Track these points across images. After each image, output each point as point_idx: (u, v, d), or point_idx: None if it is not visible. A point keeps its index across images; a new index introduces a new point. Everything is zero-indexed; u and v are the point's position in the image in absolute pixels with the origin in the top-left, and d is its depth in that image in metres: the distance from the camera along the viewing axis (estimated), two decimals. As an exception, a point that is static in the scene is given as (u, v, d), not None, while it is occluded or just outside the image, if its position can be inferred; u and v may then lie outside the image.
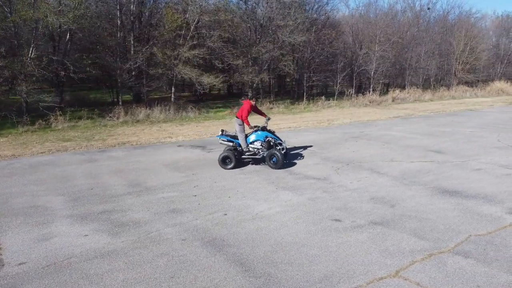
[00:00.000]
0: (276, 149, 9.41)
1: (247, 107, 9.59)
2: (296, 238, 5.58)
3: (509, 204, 6.83)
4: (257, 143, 9.75)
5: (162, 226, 6.07)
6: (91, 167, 9.79)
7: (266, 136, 9.77)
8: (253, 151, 9.79)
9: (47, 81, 20.44)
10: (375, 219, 6.25)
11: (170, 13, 18.55)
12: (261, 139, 9.73)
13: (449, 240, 5.46)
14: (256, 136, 9.83)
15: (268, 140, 9.72)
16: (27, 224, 6.19)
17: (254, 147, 9.78)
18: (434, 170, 9.16)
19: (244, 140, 9.78)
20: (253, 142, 9.81)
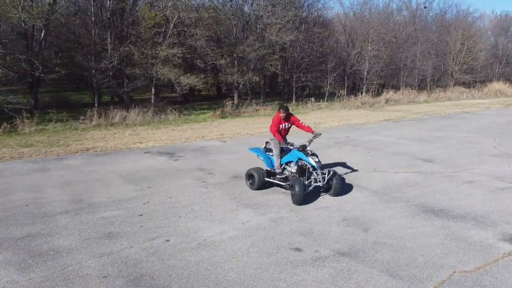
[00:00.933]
0: (301, 180, 7.03)
1: (276, 120, 7.79)
2: (242, 276, 4.56)
3: (502, 228, 5.83)
4: (293, 166, 7.63)
5: (86, 257, 5.05)
6: (39, 178, 8.76)
7: (300, 159, 7.44)
8: (286, 174, 7.73)
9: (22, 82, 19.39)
10: (343, 248, 5.24)
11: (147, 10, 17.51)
12: (294, 161, 7.59)
13: (427, 279, 4.45)
14: (288, 156, 7.71)
15: (301, 165, 7.49)
16: None
17: (290, 169, 7.67)
18: (420, 183, 8.15)
19: (277, 158, 7.83)
20: (289, 163, 7.74)
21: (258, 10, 21.73)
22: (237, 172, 9.15)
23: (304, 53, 24.30)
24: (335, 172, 7.41)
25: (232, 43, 21.50)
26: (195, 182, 8.39)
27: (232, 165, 9.89)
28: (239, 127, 16.28)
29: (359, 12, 34.94)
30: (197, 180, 8.58)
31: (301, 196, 6.77)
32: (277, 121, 7.77)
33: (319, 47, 24.57)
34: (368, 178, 8.59)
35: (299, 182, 6.82)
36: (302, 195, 6.77)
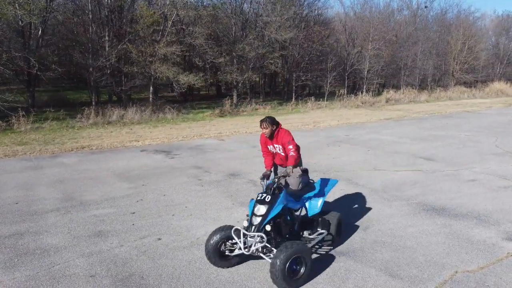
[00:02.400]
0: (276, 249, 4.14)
1: (261, 139, 5.39)
2: (235, 275, 4.37)
3: (506, 227, 5.64)
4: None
5: (74, 256, 4.86)
6: (31, 176, 8.59)
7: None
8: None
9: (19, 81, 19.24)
10: (341, 246, 5.05)
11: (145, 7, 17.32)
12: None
13: (429, 279, 4.26)
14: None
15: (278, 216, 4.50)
16: None
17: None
18: (421, 182, 7.96)
19: None
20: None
21: (258, 8, 21.57)
22: (234, 170, 8.97)
23: (304, 51, 24.12)
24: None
25: (231, 41, 21.33)
26: (191, 180, 8.21)
27: (229, 163, 9.71)
28: (237, 126, 16.10)
29: (359, 11, 34.78)
30: (193, 178, 8.39)
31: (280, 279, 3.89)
32: (262, 141, 5.36)
33: (319, 46, 24.39)
34: (368, 176, 8.40)
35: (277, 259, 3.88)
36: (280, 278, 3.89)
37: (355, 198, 6.95)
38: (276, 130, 5.09)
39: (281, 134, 5.09)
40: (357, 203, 6.69)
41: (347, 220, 5.90)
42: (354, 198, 6.98)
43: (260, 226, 4.26)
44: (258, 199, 4.46)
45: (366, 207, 6.50)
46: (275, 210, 4.34)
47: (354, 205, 6.62)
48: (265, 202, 4.38)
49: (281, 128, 5.16)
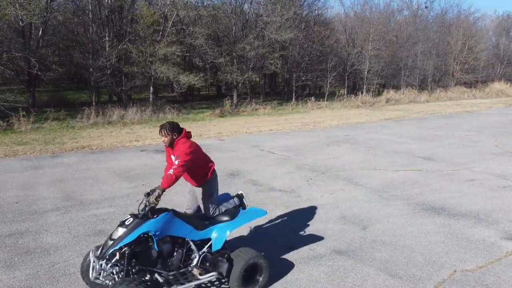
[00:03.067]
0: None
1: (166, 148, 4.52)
2: (234, 274, 4.38)
3: (505, 226, 5.65)
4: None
5: (74, 255, 4.88)
6: (31, 176, 8.60)
7: (144, 234, 3.68)
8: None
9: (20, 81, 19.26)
10: (340, 246, 5.06)
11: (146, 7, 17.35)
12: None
13: (427, 278, 4.27)
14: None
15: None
16: None
17: None
18: (420, 181, 7.97)
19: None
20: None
21: (258, 8, 21.59)
22: (234, 170, 8.98)
23: (304, 52, 24.13)
24: None
25: (231, 41, 21.35)
26: (191, 180, 8.21)
27: (229, 163, 9.72)
28: (237, 126, 16.11)
29: (359, 11, 34.79)
30: (193, 177, 8.40)
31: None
32: (166, 149, 4.54)
33: (319, 46, 24.40)
34: (367, 176, 8.41)
35: None
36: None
37: (354, 198, 6.96)
38: (176, 138, 4.27)
39: (179, 144, 4.22)
40: (356, 203, 6.70)
41: (347, 219, 5.91)
42: (354, 197, 6.99)
43: (106, 252, 3.59)
44: (121, 220, 3.78)
45: (365, 207, 6.50)
46: (129, 237, 3.57)
47: (353, 204, 6.63)
48: (125, 225, 3.67)
49: (183, 137, 4.29)
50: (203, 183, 4.52)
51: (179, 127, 4.36)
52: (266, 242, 5.19)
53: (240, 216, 4.29)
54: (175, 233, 3.89)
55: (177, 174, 4.02)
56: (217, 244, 4.05)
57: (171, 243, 3.90)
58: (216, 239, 4.08)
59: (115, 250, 3.58)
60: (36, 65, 15.28)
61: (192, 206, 4.78)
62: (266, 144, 12.20)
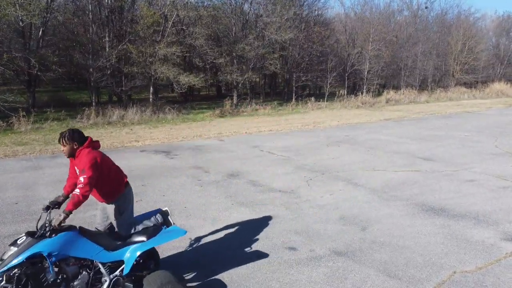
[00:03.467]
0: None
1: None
2: (233, 276, 4.38)
3: (504, 227, 5.65)
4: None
5: (73, 256, 4.86)
6: (31, 177, 8.60)
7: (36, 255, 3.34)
8: None
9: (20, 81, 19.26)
10: (339, 247, 5.06)
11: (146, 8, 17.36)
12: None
13: (427, 279, 4.27)
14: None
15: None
16: None
17: None
18: (420, 182, 7.96)
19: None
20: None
21: (258, 8, 21.59)
22: (233, 170, 8.98)
23: (304, 52, 24.13)
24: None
25: (231, 41, 21.34)
26: (190, 181, 8.22)
27: (229, 163, 9.71)
28: (237, 126, 16.10)
29: (360, 12, 34.77)
30: (192, 178, 8.40)
31: None
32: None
33: (319, 47, 24.39)
34: (367, 176, 8.40)
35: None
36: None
37: (354, 198, 6.95)
38: (78, 148, 3.82)
39: (81, 156, 3.77)
40: (356, 203, 6.69)
41: (347, 220, 5.91)
42: (353, 198, 6.98)
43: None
44: (15, 239, 3.47)
45: (365, 207, 6.50)
46: (19, 258, 3.24)
47: (353, 205, 6.62)
48: (16, 245, 3.34)
49: (86, 147, 3.85)
50: (115, 199, 4.04)
51: (81, 135, 3.92)
52: (265, 243, 5.18)
53: (159, 236, 3.84)
54: (79, 254, 3.48)
55: (84, 193, 3.57)
56: (127, 267, 3.64)
57: (76, 265, 3.52)
58: (127, 261, 3.66)
59: (3, 272, 3.23)
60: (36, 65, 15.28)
61: (102, 224, 4.20)
62: (266, 144, 12.20)
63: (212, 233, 5.54)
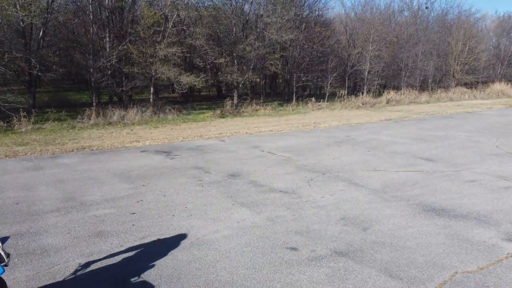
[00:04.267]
0: None
1: None
2: (234, 276, 4.38)
3: (506, 227, 5.64)
4: None
5: (75, 256, 4.87)
6: (31, 177, 8.60)
7: None
8: None
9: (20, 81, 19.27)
10: (341, 247, 5.05)
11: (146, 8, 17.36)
12: None
13: (428, 279, 4.26)
14: None
15: None
16: None
17: None
18: (421, 182, 7.96)
19: None
20: None
21: (258, 9, 21.59)
22: (234, 170, 8.97)
23: (304, 52, 24.13)
24: None
25: (232, 42, 21.35)
26: (191, 181, 8.21)
27: (229, 163, 9.71)
28: (238, 127, 16.10)
29: (360, 12, 34.76)
30: (193, 178, 8.40)
31: None
32: None
33: (320, 47, 24.39)
34: (368, 177, 8.39)
35: None
36: None
37: (355, 199, 6.94)
38: None
39: None
40: (357, 204, 6.68)
41: (348, 220, 5.90)
42: (354, 198, 6.97)
43: None
44: None
45: (366, 208, 6.49)
46: None
47: (354, 205, 6.61)
48: None
49: None
50: None
51: None
52: (266, 243, 5.18)
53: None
54: None
55: None
56: None
57: None
58: None
59: None
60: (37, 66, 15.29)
61: None
62: (266, 145, 12.20)
63: (213, 233, 5.53)
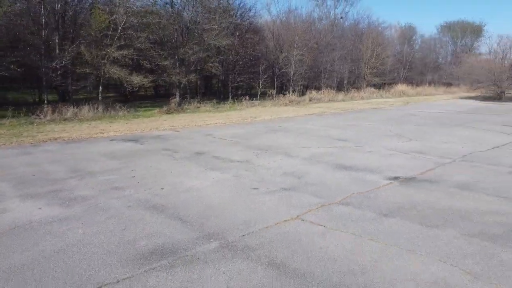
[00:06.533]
0: None
1: None
2: (224, 201, 6.97)
3: (385, 174, 8.89)
4: None
5: (108, 199, 7.09)
6: (29, 158, 10.27)
7: None
8: None
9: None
10: (285, 186, 7.87)
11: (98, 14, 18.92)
12: None
13: (338, 196, 7.23)
14: None
15: None
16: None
17: None
18: (336, 153, 11.14)
19: None
20: None
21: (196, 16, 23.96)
22: (197, 150, 11.45)
23: (238, 56, 27.02)
24: None
25: (174, 46, 23.49)
26: (166, 158, 10.54)
27: (191, 146, 12.14)
28: (186, 120, 18.42)
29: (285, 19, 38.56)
30: (167, 156, 10.73)
31: None
32: None
33: (252, 51, 27.47)
34: (299, 151, 11.39)
35: None
36: None
37: (291, 163, 9.85)
38: None
39: None
40: (293, 166, 9.58)
41: (288, 174, 8.75)
42: (290, 163, 9.87)
43: None
44: None
45: (299, 167, 9.41)
46: None
47: (291, 167, 9.50)
48: None
49: None
50: None
51: None
52: (237, 186, 7.81)
53: None
54: None
55: None
56: None
57: None
58: None
59: None
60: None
61: None
62: (216, 133, 14.77)
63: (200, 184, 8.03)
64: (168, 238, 5.38)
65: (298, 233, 5.58)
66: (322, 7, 49.37)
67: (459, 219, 6.11)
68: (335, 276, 4.39)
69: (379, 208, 6.58)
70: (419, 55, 57.69)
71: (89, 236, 5.45)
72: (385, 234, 5.54)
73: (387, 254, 4.92)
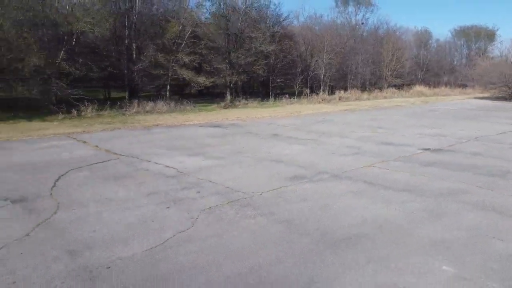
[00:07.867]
0: None
1: None
2: (315, 159, 10.78)
3: (420, 147, 12.61)
4: None
5: (243, 157, 10.94)
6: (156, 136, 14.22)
7: None
8: None
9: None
10: (352, 152, 11.65)
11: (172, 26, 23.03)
12: None
13: (391, 157, 10.98)
14: None
15: None
16: (161, 158, 10.75)
17: None
18: (378, 136, 14.87)
19: None
20: None
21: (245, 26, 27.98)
22: (273, 133, 15.29)
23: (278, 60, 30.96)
24: None
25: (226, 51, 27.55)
26: (253, 137, 14.40)
27: (265, 130, 15.98)
28: (244, 114, 22.33)
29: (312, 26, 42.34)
30: (252, 136, 14.59)
31: None
32: None
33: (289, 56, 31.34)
34: (349, 135, 15.14)
35: None
36: None
37: (347, 141, 13.62)
38: None
39: None
40: (349, 143, 13.34)
41: (349, 146, 12.55)
42: (346, 141, 13.64)
43: None
44: None
45: (353, 144, 13.16)
46: None
47: (348, 143, 13.27)
48: None
49: None
50: None
51: None
52: (318, 152, 11.62)
53: None
54: None
55: None
56: None
57: None
58: None
59: None
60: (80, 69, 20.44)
61: None
62: (276, 122, 18.62)
63: (291, 151, 11.85)
64: (296, 173, 9.22)
65: (374, 172, 9.38)
66: (344, 13, 53.14)
67: (473, 168, 9.81)
68: (401, 185, 8.19)
69: (421, 163, 10.33)
70: (435, 58, 60.87)
71: (252, 171, 9.33)
72: (427, 173, 9.29)
73: (431, 180, 8.68)
